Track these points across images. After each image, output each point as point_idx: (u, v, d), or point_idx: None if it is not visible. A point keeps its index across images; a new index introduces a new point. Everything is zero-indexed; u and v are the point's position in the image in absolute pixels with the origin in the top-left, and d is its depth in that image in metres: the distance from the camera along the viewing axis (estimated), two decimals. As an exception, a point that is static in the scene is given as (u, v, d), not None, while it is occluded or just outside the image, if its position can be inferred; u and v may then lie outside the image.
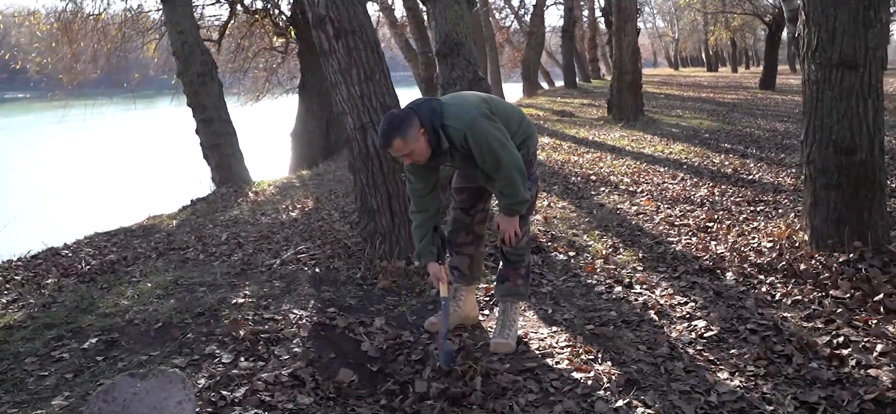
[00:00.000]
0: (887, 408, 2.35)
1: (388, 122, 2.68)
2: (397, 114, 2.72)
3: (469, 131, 2.67)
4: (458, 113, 2.72)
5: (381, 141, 2.69)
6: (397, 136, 2.64)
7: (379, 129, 2.71)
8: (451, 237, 3.17)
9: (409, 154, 2.69)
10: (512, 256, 3.07)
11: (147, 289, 3.96)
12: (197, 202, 7.64)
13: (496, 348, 2.98)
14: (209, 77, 8.21)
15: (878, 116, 3.64)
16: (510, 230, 2.93)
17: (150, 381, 2.19)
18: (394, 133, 2.64)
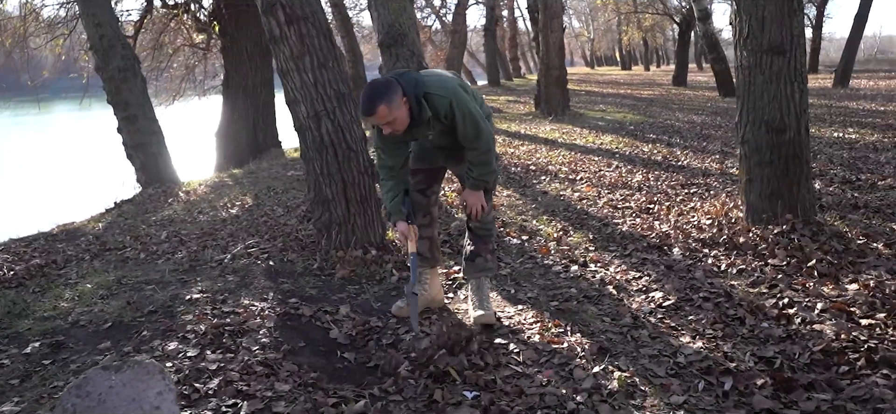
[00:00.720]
0: (834, 357, 2.55)
1: (373, 89, 2.64)
2: (381, 81, 2.69)
3: (455, 100, 2.71)
4: (441, 82, 2.75)
5: (365, 106, 2.63)
6: (382, 103, 2.60)
7: (362, 95, 2.65)
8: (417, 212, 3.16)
9: (391, 122, 2.67)
10: (481, 231, 3.13)
11: (88, 290, 3.73)
12: (122, 204, 7.23)
13: (479, 321, 3.03)
14: (131, 72, 7.78)
15: (804, 98, 3.94)
16: (477, 204, 2.99)
17: (125, 373, 2.07)
18: (379, 99, 2.61)
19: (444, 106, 2.71)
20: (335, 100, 3.92)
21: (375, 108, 2.62)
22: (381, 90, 2.63)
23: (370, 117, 2.65)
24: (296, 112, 3.98)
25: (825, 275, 3.38)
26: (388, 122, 2.67)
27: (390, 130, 2.71)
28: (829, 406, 2.22)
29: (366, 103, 2.64)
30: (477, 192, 2.99)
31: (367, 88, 2.68)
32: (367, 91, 2.66)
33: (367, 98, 2.63)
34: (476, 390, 2.43)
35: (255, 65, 11.06)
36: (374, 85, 2.67)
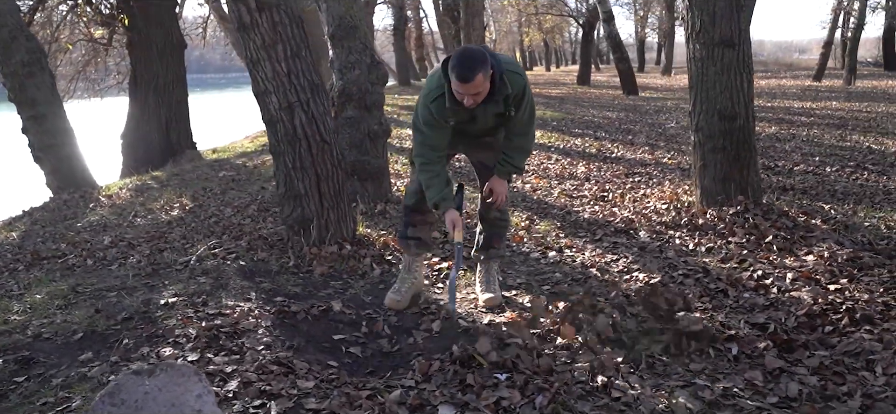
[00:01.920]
0: (817, 319, 2.79)
1: (473, 56, 2.54)
2: (476, 48, 2.61)
3: (527, 83, 2.75)
4: (515, 64, 2.78)
5: (465, 72, 2.52)
6: (481, 71, 2.53)
7: (459, 61, 2.54)
8: (417, 206, 3.14)
9: (477, 94, 2.59)
10: (501, 222, 3.22)
11: (39, 301, 3.39)
12: (34, 211, 6.59)
13: (490, 302, 3.08)
14: (38, 67, 7.08)
15: (751, 88, 4.27)
16: (504, 192, 3.02)
17: (158, 377, 1.91)
18: (479, 67, 2.53)
19: (519, 85, 2.72)
20: (309, 90, 3.79)
21: (475, 75, 2.52)
22: (480, 57, 2.55)
23: (467, 84, 2.54)
24: (266, 103, 3.81)
25: (783, 249, 3.69)
26: (477, 92, 2.58)
27: (472, 103, 2.62)
28: (829, 361, 2.42)
29: (465, 69, 2.52)
30: (504, 181, 3.03)
31: (463, 55, 2.56)
32: (464, 57, 2.55)
33: (467, 64, 2.53)
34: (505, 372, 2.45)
35: (166, 62, 10.46)
36: (472, 52, 2.58)
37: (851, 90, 16.59)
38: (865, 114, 11.02)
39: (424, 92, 2.81)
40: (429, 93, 2.77)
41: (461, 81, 2.55)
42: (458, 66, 2.54)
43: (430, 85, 2.80)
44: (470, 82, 2.54)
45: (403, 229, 3.21)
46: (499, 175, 2.99)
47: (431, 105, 2.75)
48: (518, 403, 2.20)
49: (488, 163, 3.07)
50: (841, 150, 7.33)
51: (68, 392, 2.38)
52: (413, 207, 3.15)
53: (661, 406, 2.19)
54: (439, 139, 2.85)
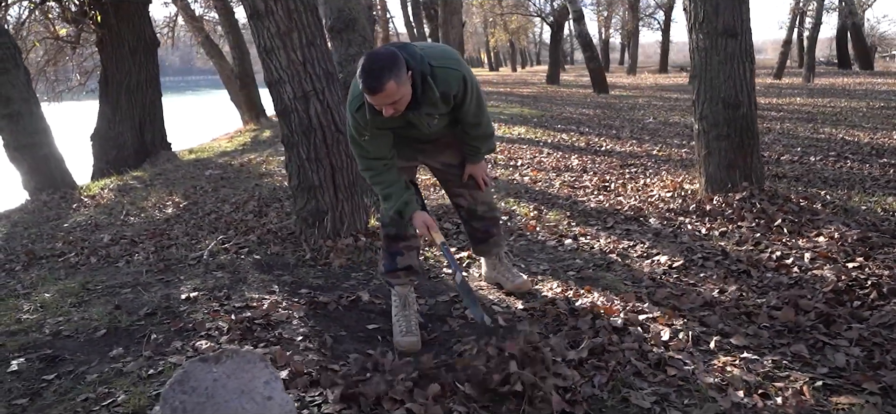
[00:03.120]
0: (843, 294, 2.87)
1: (377, 61, 2.18)
2: (383, 52, 2.23)
3: (466, 73, 2.44)
4: (445, 54, 2.43)
5: (372, 82, 2.18)
6: (392, 78, 2.18)
7: (364, 69, 2.19)
8: (398, 231, 2.78)
9: (396, 102, 2.26)
10: (488, 213, 2.98)
11: (50, 299, 3.25)
12: (12, 213, 6.31)
13: (523, 287, 3.05)
14: (12, 63, 6.78)
15: (753, 77, 4.37)
16: (483, 173, 2.84)
17: (225, 363, 1.84)
18: (387, 73, 2.17)
19: (455, 80, 2.40)
20: (324, 79, 3.73)
21: (384, 85, 2.18)
22: (388, 62, 2.19)
23: (377, 95, 2.20)
24: (279, 93, 3.73)
25: (793, 232, 3.78)
26: (394, 101, 2.25)
27: (392, 112, 2.30)
28: (867, 333, 2.49)
29: (372, 78, 2.17)
30: (481, 162, 2.83)
31: (368, 61, 2.20)
32: (370, 64, 2.19)
33: (373, 72, 2.17)
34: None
35: (139, 60, 10.14)
36: (377, 56, 2.21)
37: (812, 87, 17.16)
38: (830, 108, 11.41)
39: (348, 100, 2.48)
40: (351, 101, 2.45)
41: (369, 93, 2.21)
42: (363, 76, 2.19)
43: (352, 92, 2.47)
44: (380, 92, 2.20)
45: (390, 262, 2.81)
46: (473, 161, 2.78)
47: (356, 114, 2.43)
48: (579, 382, 2.20)
49: (453, 161, 2.82)
50: (817, 141, 7.56)
51: (108, 387, 2.29)
52: (395, 235, 2.80)
53: (716, 380, 2.22)
54: (379, 146, 2.54)
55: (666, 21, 26.93)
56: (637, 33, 28.66)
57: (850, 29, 24.21)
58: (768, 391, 2.14)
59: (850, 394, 2.10)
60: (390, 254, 2.82)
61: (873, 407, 2.02)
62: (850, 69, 24.44)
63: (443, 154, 2.81)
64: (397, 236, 2.80)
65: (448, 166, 2.84)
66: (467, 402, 2.12)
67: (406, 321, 2.75)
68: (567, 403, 2.08)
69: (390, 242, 2.82)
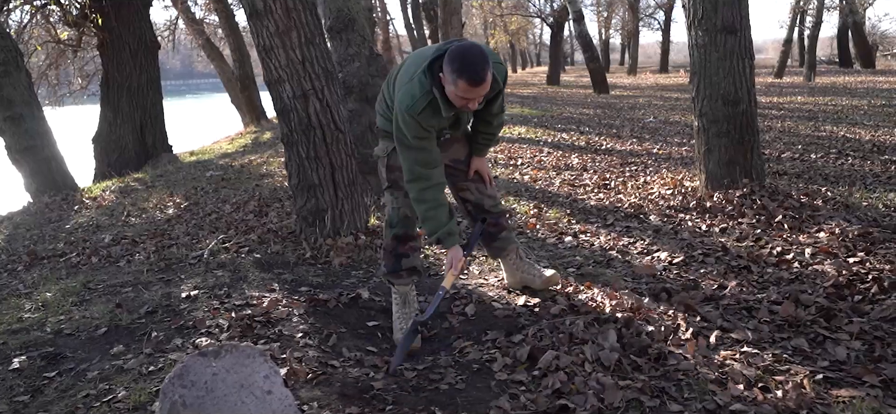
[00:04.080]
0: (845, 289, 2.86)
1: (475, 53, 2.22)
2: (472, 45, 2.31)
3: (506, 71, 2.59)
4: (494, 54, 2.55)
5: (479, 73, 2.21)
6: (489, 68, 2.26)
7: (467, 61, 2.21)
8: (407, 231, 2.82)
9: (483, 95, 2.32)
10: (495, 207, 2.98)
11: (51, 298, 3.26)
12: (15, 215, 6.33)
13: (552, 281, 3.01)
14: (14, 66, 6.80)
15: (752, 73, 4.36)
16: (488, 169, 2.90)
17: (224, 358, 1.85)
18: (487, 64, 2.24)
19: (502, 75, 2.50)
20: (323, 78, 3.73)
21: (487, 74, 2.23)
22: (484, 55, 2.25)
23: (480, 86, 2.23)
24: (279, 92, 3.74)
25: (794, 228, 3.77)
26: (484, 94, 2.29)
27: (475, 105, 2.35)
28: (868, 326, 2.49)
29: (479, 69, 2.20)
30: (484, 159, 2.90)
31: (465, 53, 2.23)
32: (470, 55, 2.22)
33: (477, 64, 2.20)
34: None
35: (140, 63, 10.16)
36: (473, 48, 2.26)
37: (813, 86, 17.14)
38: (831, 107, 11.39)
39: (406, 105, 2.39)
40: (413, 105, 2.37)
41: (475, 84, 2.22)
42: (468, 69, 2.20)
43: (411, 94, 2.39)
44: (484, 82, 2.24)
45: (394, 263, 2.81)
46: (480, 155, 2.83)
47: (419, 116, 2.37)
48: (578, 369, 2.20)
49: (460, 156, 2.84)
50: (818, 139, 7.55)
51: (108, 384, 2.29)
52: (403, 234, 2.81)
53: (716, 374, 2.22)
54: (434, 151, 2.48)
55: (666, 21, 26.94)
56: (637, 33, 28.65)
57: (851, 28, 24.17)
58: (768, 385, 2.13)
59: (850, 387, 2.10)
60: (396, 255, 2.82)
61: (874, 400, 2.01)
62: (851, 68, 24.41)
63: (452, 150, 2.83)
64: (405, 237, 2.81)
65: (456, 162, 2.86)
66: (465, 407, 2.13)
67: (406, 319, 2.77)
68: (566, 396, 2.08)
69: (397, 243, 2.81)
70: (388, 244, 2.85)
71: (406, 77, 2.43)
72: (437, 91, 2.35)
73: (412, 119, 2.38)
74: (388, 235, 2.84)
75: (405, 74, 2.46)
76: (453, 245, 2.57)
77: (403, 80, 2.44)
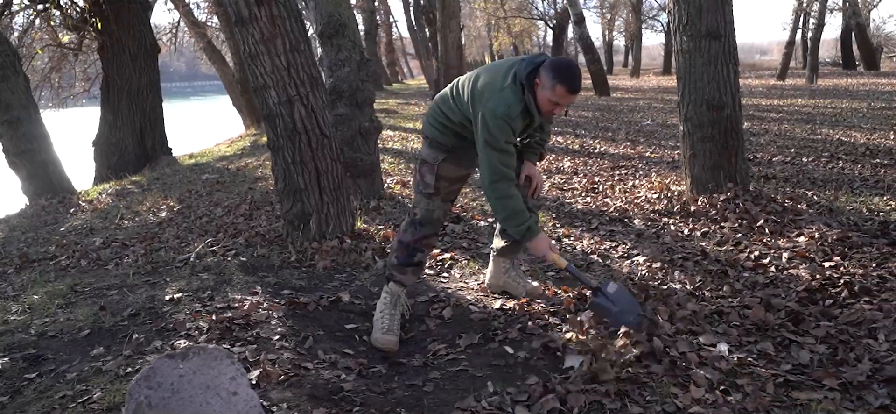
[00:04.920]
0: (817, 293, 2.89)
1: (577, 66, 2.56)
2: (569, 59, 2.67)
3: None
4: None
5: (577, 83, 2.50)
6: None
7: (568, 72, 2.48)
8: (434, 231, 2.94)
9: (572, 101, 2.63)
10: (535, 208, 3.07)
11: (38, 301, 3.31)
12: (11, 218, 6.41)
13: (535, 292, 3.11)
14: (11, 70, 6.89)
15: (737, 78, 4.40)
16: (541, 176, 3.03)
17: (192, 360, 1.90)
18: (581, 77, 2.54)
19: None
20: (308, 84, 3.79)
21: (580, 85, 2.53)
22: (579, 68, 2.56)
23: (575, 94, 2.53)
24: (264, 98, 3.79)
25: (775, 232, 3.80)
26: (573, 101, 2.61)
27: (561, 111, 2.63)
28: (835, 330, 2.52)
29: (578, 80, 2.51)
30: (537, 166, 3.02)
31: (570, 67, 2.52)
32: (574, 69, 2.52)
33: (578, 75, 2.51)
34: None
35: (140, 67, 10.25)
36: (572, 63, 2.58)
37: (814, 88, 17.11)
38: (830, 109, 11.39)
39: (501, 111, 2.53)
40: (508, 110, 2.53)
41: (573, 92, 2.52)
42: (571, 78, 2.48)
43: (506, 101, 2.53)
44: (578, 92, 2.55)
45: (407, 256, 2.90)
46: (532, 161, 2.97)
47: (514, 122, 2.55)
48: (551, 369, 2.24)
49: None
50: (813, 142, 7.57)
51: (85, 385, 2.34)
52: (430, 234, 2.93)
53: (679, 378, 2.25)
54: (514, 155, 2.67)
55: (669, 23, 26.91)
56: (640, 36, 28.63)
57: (854, 30, 24.11)
58: (729, 388, 2.17)
59: (810, 390, 2.13)
60: (412, 249, 2.91)
61: (831, 402, 2.05)
62: (855, 70, 24.33)
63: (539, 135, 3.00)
64: (428, 236, 2.91)
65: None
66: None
67: (390, 319, 2.83)
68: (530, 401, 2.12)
69: (418, 239, 2.91)
70: (409, 240, 2.92)
71: (494, 87, 2.58)
72: (529, 97, 2.56)
73: (506, 123, 2.55)
74: (414, 232, 2.91)
75: (492, 85, 2.60)
76: (538, 233, 2.72)
77: (492, 89, 2.59)
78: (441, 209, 2.89)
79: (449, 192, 2.90)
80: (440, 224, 2.94)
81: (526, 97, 2.55)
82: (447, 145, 2.79)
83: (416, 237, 2.90)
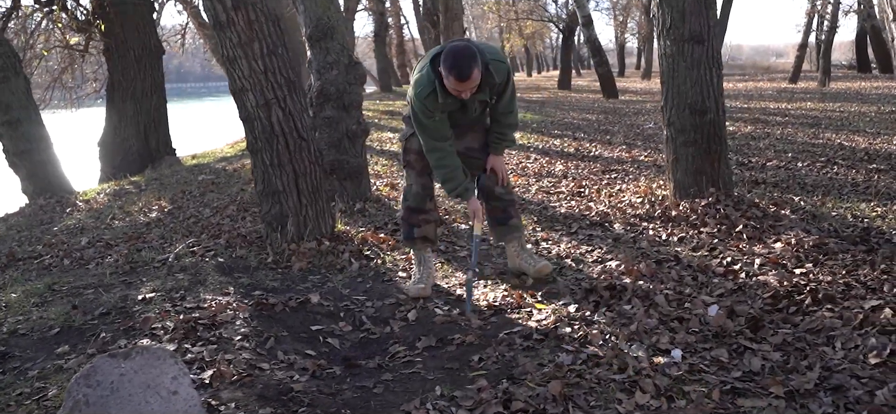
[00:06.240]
0: (782, 300, 2.87)
1: (466, 53, 2.71)
2: (463, 45, 2.79)
3: (509, 69, 3.02)
4: (497, 52, 3.02)
5: (463, 70, 2.69)
6: (476, 66, 2.72)
7: (453, 60, 2.69)
8: (418, 205, 3.28)
9: (472, 88, 2.78)
10: (506, 195, 3.36)
11: (15, 299, 3.38)
12: (9, 217, 6.53)
13: (544, 271, 3.30)
14: (12, 72, 7.03)
15: (720, 82, 4.37)
16: (504, 167, 3.24)
17: (134, 359, 1.93)
18: (473, 63, 2.70)
19: (502, 73, 2.93)
20: (285, 87, 3.82)
21: (471, 72, 2.70)
22: (472, 53, 2.71)
23: (466, 82, 2.72)
24: (243, 101, 3.84)
25: (752, 238, 3.78)
26: (472, 87, 2.77)
27: (466, 95, 2.81)
28: (792, 338, 2.50)
29: (464, 66, 2.68)
30: (501, 157, 3.28)
31: (455, 53, 2.71)
32: (458, 55, 2.70)
33: (464, 61, 2.68)
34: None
35: (144, 68, 10.39)
36: (461, 48, 2.74)
37: (826, 91, 16.91)
38: (838, 113, 11.25)
39: (416, 91, 2.94)
40: (421, 91, 2.91)
41: (459, 79, 2.72)
42: (455, 66, 2.69)
43: (420, 83, 2.93)
44: (468, 79, 2.73)
45: (409, 231, 3.32)
46: (496, 153, 3.20)
47: (426, 100, 2.90)
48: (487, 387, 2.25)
49: (474, 145, 3.25)
50: (813, 147, 7.49)
51: (44, 383, 2.39)
52: (415, 207, 3.29)
53: (626, 381, 2.25)
54: (444, 127, 3.00)
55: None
56: (652, 37, 28.44)
57: (869, 32, 23.77)
58: (675, 395, 2.16)
59: (755, 397, 2.12)
60: (409, 225, 3.31)
61: (774, 410, 2.04)
62: (870, 73, 24.00)
63: (466, 138, 3.25)
64: (417, 210, 3.28)
65: (470, 150, 3.26)
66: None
67: (419, 274, 3.30)
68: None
69: (411, 214, 3.30)
70: (403, 214, 3.34)
71: (417, 71, 3.00)
72: (437, 83, 2.86)
73: (420, 102, 2.94)
74: (403, 206, 3.34)
75: (418, 69, 3.00)
76: (470, 197, 3.13)
77: (416, 73, 3.00)
78: (418, 183, 3.25)
79: (422, 167, 3.22)
80: (423, 199, 3.27)
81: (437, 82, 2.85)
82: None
83: (406, 209, 3.31)
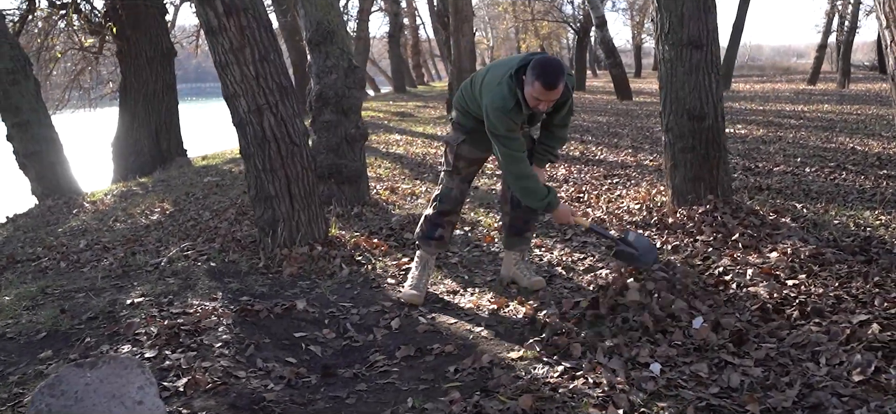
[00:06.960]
0: (771, 313, 2.81)
1: (557, 65, 2.75)
2: (555, 59, 2.83)
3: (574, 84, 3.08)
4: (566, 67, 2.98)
5: (554, 80, 2.72)
6: (563, 78, 2.76)
7: (546, 70, 2.72)
8: (451, 208, 3.30)
9: (554, 99, 2.82)
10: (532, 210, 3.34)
11: (7, 302, 3.42)
12: (18, 218, 6.64)
13: (537, 285, 3.32)
14: (22, 75, 7.14)
15: (719, 88, 4.30)
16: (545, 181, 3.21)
17: (101, 369, 1.94)
18: (562, 75, 2.75)
19: (570, 87, 2.98)
20: (277, 93, 3.83)
21: (560, 83, 2.74)
22: (560, 66, 2.77)
23: (553, 91, 2.76)
24: (235, 106, 3.85)
25: (748, 246, 3.70)
26: (555, 98, 2.81)
27: (547, 106, 2.85)
28: (776, 352, 2.45)
29: (554, 78, 2.72)
30: (544, 170, 3.30)
31: (549, 64, 2.74)
32: (551, 67, 2.73)
33: (555, 73, 2.72)
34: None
35: (156, 69, 10.51)
36: (556, 62, 2.79)
37: (844, 93, 16.63)
38: (855, 116, 11.05)
39: (497, 106, 2.87)
40: (504, 104, 2.86)
41: (550, 89, 2.75)
42: (546, 76, 2.73)
43: (502, 97, 2.87)
44: (556, 89, 2.76)
45: (429, 230, 3.32)
46: (540, 165, 3.23)
47: (510, 113, 2.87)
48: (462, 395, 2.23)
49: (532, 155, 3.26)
50: (824, 151, 7.35)
51: (22, 388, 2.41)
52: (447, 210, 3.29)
53: (601, 396, 2.22)
54: (522, 142, 3.00)
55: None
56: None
57: (891, 33, 23.27)
58: (649, 410, 2.12)
59: (730, 415, 2.08)
60: (433, 225, 3.31)
61: (748, 429, 1.99)
62: (891, 74, 23.51)
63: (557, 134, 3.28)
64: (448, 212, 3.30)
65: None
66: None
67: (417, 279, 3.30)
68: (443, 417, 2.11)
69: (439, 215, 3.30)
70: (431, 214, 3.32)
71: (494, 82, 2.93)
72: (519, 93, 2.86)
73: (505, 116, 2.89)
74: (436, 207, 3.32)
75: (493, 80, 2.95)
76: (558, 203, 3.06)
77: (492, 84, 2.94)
78: (458, 188, 3.27)
79: (467, 173, 3.27)
80: (458, 203, 3.30)
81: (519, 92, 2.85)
82: (467, 128, 3.16)
83: (437, 211, 3.29)
